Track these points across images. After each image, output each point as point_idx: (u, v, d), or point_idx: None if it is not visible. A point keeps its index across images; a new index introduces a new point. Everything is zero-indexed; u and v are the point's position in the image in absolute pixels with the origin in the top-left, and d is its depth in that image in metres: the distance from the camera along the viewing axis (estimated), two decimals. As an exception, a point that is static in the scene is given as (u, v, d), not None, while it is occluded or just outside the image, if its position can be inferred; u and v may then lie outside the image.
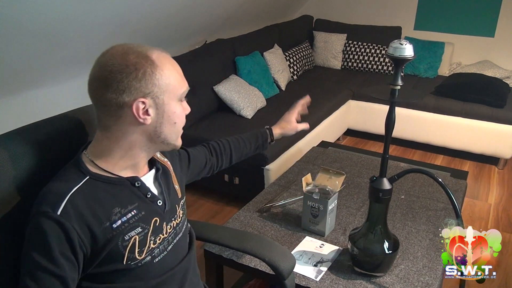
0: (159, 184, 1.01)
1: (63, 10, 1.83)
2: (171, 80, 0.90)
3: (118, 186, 0.92)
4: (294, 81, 3.84)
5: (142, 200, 0.95)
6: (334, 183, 1.57)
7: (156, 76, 0.88)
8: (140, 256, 0.92)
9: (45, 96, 2.29)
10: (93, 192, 0.88)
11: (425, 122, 3.45)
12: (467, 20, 3.90)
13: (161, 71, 0.89)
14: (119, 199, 0.91)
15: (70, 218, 0.83)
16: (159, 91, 0.89)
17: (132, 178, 0.94)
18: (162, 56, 0.90)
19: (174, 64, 0.93)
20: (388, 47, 1.18)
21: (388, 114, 1.26)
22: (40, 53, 2.00)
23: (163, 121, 0.92)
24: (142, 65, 0.87)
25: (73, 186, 0.87)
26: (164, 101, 0.90)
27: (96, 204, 0.87)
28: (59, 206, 0.83)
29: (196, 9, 2.77)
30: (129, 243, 0.90)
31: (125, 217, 0.90)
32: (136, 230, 0.92)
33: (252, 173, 2.59)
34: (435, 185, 1.93)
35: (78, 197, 0.86)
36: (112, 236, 0.88)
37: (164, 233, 0.99)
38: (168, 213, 1.01)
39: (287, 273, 1.17)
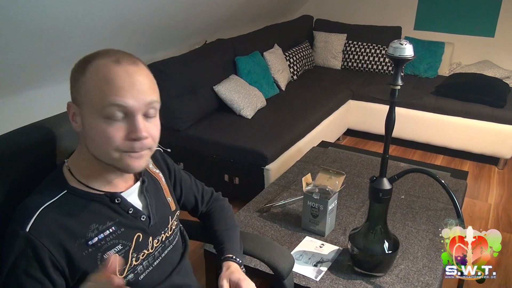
0: (145, 197, 0.97)
1: (63, 10, 1.83)
2: (92, 90, 0.81)
3: (97, 202, 0.88)
4: (294, 81, 3.84)
5: (122, 216, 0.91)
6: (334, 183, 1.57)
7: (79, 83, 0.83)
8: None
9: (45, 96, 2.28)
10: (69, 207, 0.84)
11: (425, 122, 3.45)
12: (467, 20, 3.90)
13: (85, 78, 0.82)
14: (97, 215, 0.87)
15: (40, 235, 0.79)
16: (81, 100, 0.83)
17: (112, 194, 0.90)
18: (102, 66, 0.81)
19: (109, 79, 0.80)
20: (388, 47, 1.18)
21: (388, 114, 1.26)
22: (40, 53, 2.00)
23: (87, 136, 0.84)
24: (76, 67, 0.85)
25: (47, 200, 0.83)
26: (85, 113, 0.83)
27: (70, 220, 0.83)
28: (28, 222, 0.80)
29: (196, 9, 2.76)
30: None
31: (102, 234, 0.87)
32: (116, 248, 0.88)
33: (252, 173, 2.59)
34: (435, 185, 1.93)
35: (50, 212, 0.82)
36: (88, 253, 0.84)
37: (150, 248, 0.95)
38: (154, 227, 0.96)
39: (286, 273, 1.17)
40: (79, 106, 0.84)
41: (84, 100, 0.82)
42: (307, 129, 2.97)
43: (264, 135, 2.68)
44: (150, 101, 0.83)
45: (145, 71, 0.86)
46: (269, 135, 2.70)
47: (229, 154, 2.62)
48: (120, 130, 0.81)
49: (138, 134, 0.81)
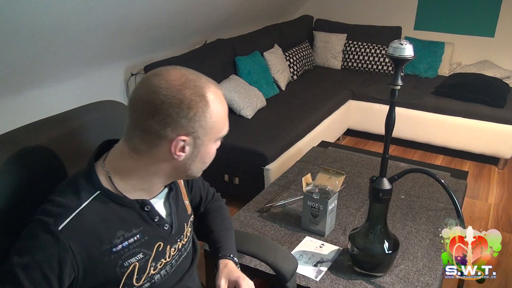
0: (170, 204, 0.96)
1: (63, 10, 1.83)
2: (218, 123, 0.86)
3: (127, 208, 0.87)
4: (294, 81, 3.84)
5: (148, 224, 0.90)
6: (334, 183, 1.57)
7: (205, 118, 0.83)
8: (137, 283, 0.89)
9: (45, 96, 2.29)
10: (100, 210, 0.84)
11: (425, 122, 3.45)
12: (467, 20, 3.90)
13: (211, 113, 0.84)
14: (125, 222, 0.87)
15: (70, 237, 0.79)
16: (203, 132, 0.85)
17: (142, 201, 0.90)
18: (217, 96, 0.85)
19: (224, 105, 0.88)
20: (388, 47, 1.18)
21: (388, 114, 1.26)
22: (40, 53, 2.00)
23: (195, 160, 0.88)
24: (196, 104, 0.81)
25: (83, 201, 0.82)
26: (204, 142, 0.86)
27: (100, 225, 0.83)
28: (63, 221, 0.79)
29: (196, 9, 2.77)
30: (128, 270, 0.86)
31: (126, 241, 0.86)
32: (137, 257, 0.88)
33: (252, 173, 2.59)
34: (435, 185, 1.93)
35: (85, 215, 0.81)
36: (109, 259, 0.84)
37: (167, 257, 0.95)
38: (173, 236, 0.96)
39: (290, 275, 1.17)
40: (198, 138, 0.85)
41: (209, 131, 0.86)
42: (307, 129, 2.97)
43: (264, 135, 2.68)
44: None
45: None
46: (269, 135, 2.70)
47: (229, 154, 2.62)
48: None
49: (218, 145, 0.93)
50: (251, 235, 1.32)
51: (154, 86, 0.81)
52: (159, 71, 0.83)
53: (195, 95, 0.81)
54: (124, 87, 2.79)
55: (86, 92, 2.50)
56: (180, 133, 0.82)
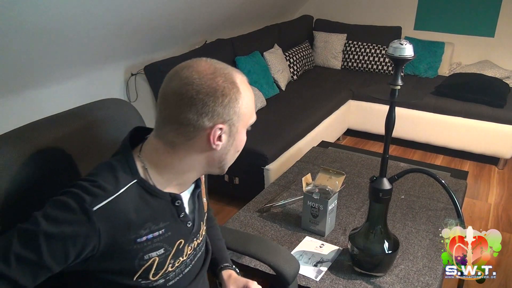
0: (194, 201, 0.97)
1: (64, 10, 1.83)
2: (249, 109, 0.88)
3: (159, 200, 0.87)
4: (294, 81, 3.84)
5: (174, 219, 0.90)
6: (334, 183, 1.57)
7: (238, 104, 0.85)
8: (153, 278, 0.88)
9: (45, 96, 2.29)
10: (134, 199, 0.83)
11: (425, 122, 3.45)
12: (467, 20, 3.90)
13: (242, 99, 0.86)
14: (155, 214, 0.86)
15: (102, 219, 0.78)
16: (237, 119, 0.86)
17: (175, 196, 0.90)
18: (244, 82, 0.87)
19: (251, 92, 0.90)
20: (388, 47, 1.18)
21: (388, 114, 1.26)
22: (40, 53, 2.00)
23: (231, 149, 0.89)
24: (229, 91, 0.83)
25: (120, 188, 0.82)
26: (238, 129, 0.88)
27: (133, 214, 0.83)
28: (99, 203, 0.78)
29: (196, 9, 2.77)
30: (147, 263, 0.86)
31: (151, 234, 0.86)
32: (158, 252, 0.87)
33: (252, 173, 2.59)
34: (435, 185, 1.93)
35: (120, 201, 0.81)
36: (131, 249, 0.83)
37: (184, 255, 0.94)
38: (193, 234, 0.96)
39: (292, 277, 1.17)
40: (233, 125, 0.87)
41: (242, 118, 0.87)
42: (307, 129, 2.97)
43: (264, 135, 2.68)
44: None
45: None
46: (269, 135, 2.70)
47: (229, 154, 2.62)
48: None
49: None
50: (253, 236, 1.32)
51: (186, 78, 0.82)
52: (187, 64, 0.86)
53: (226, 83, 0.83)
54: (124, 87, 2.79)
55: (86, 92, 2.50)
56: (217, 122, 0.83)
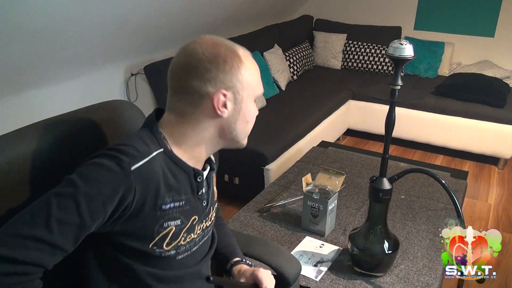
0: (208, 183, 1.00)
1: (63, 10, 1.83)
2: (253, 79, 0.92)
3: (183, 172, 0.91)
4: (294, 81, 3.84)
5: (193, 195, 0.94)
6: (334, 183, 1.57)
7: (241, 72, 0.89)
8: (166, 247, 0.91)
9: (45, 96, 2.29)
10: (162, 166, 0.87)
11: (425, 122, 3.45)
12: (467, 20, 3.90)
13: (245, 68, 0.90)
14: (178, 185, 0.90)
15: (138, 180, 0.81)
16: (241, 87, 0.89)
17: (198, 171, 0.94)
18: (247, 54, 0.92)
19: (256, 65, 0.94)
20: (388, 47, 1.18)
21: (388, 114, 1.26)
22: (40, 53, 2.00)
23: (238, 118, 0.92)
24: (230, 58, 0.88)
25: (152, 151, 0.85)
26: (243, 97, 0.91)
27: (162, 179, 0.86)
28: (138, 162, 0.82)
29: (196, 9, 2.77)
30: (164, 231, 0.89)
31: (173, 203, 0.89)
32: (176, 222, 0.90)
33: (252, 173, 2.59)
34: (435, 185, 1.93)
35: (153, 164, 0.84)
36: (155, 215, 0.86)
37: (194, 233, 0.97)
38: (205, 214, 0.99)
39: (293, 279, 1.17)
40: (237, 93, 0.90)
41: (246, 87, 0.91)
42: (307, 129, 2.97)
43: (264, 135, 2.68)
44: None
45: None
46: (269, 135, 2.70)
47: (229, 154, 2.62)
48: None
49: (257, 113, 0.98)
50: (254, 238, 1.32)
51: (190, 50, 0.88)
52: (192, 40, 0.91)
53: (228, 51, 0.88)
54: (124, 87, 2.78)
55: (86, 92, 2.50)
56: (220, 88, 0.87)
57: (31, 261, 0.74)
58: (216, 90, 0.87)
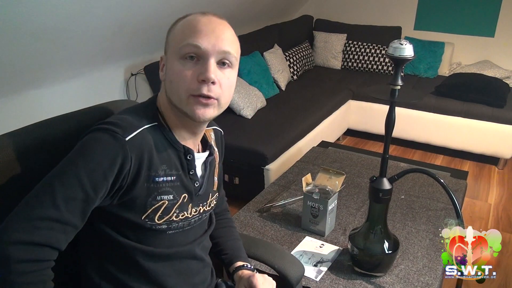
0: (205, 168, 1.00)
1: (63, 10, 1.83)
2: (176, 35, 0.88)
3: (174, 149, 0.92)
4: (294, 81, 3.84)
5: (184, 172, 0.94)
6: (334, 183, 1.57)
7: (171, 31, 0.90)
8: (158, 221, 0.91)
9: (45, 96, 2.29)
10: (157, 139, 0.88)
11: (425, 122, 3.45)
12: (467, 20, 3.90)
13: (174, 27, 0.90)
14: (170, 159, 0.91)
15: (133, 149, 0.83)
16: (168, 46, 0.90)
17: (188, 149, 0.94)
18: (193, 16, 0.89)
19: (196, 22, 0.87)
20: (388, 47, 1.18)
21: (388, 114, 1.26)
22: (40, 53, 2.00)
23: (166, 80, 0.90)
24: (173, 24, 0.91)
25: (144, 124, 0.87)
26: (168, 58, 0.90)
27: (154, 150, 0.87)
28: (130, 133, 0.83)
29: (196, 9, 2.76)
30: (156, 204, 0.89)
31: (165, 177, 0.89)
32: (168, 196, 0.91)
33: (252, 173, 2.59)
34: (435, 185, 1.93)
35: (145, 135, 0.86)
36: (148, 186, 0.87)
37: (188, 213, 0.96)
38: (198, 197, 0.99)
39: (296, 281, 1.16)
40: (166, 54, 0.91)
41: (170, 46, 0.89)
42: (307, 129, 2.97)
43: (264, 135, 2.68)
44: (225, 50, 0.87)
45: (229, 27, 0.91)
46: (269, 135, 2.70)
47: (229, 154, 2.61)
48: (193, 71, 0.86)
49: (207, 74, 0.84)
50: (258, 240, 1.31)
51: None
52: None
53: (179, 18, 0.91)
54: (124, 87, 2.79)
55: (86, 92, 2.50)
56: (164, 53, 0.92)
57: (46, 243, 0.76)
58: (163, 55, 0.92)
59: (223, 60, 0.88)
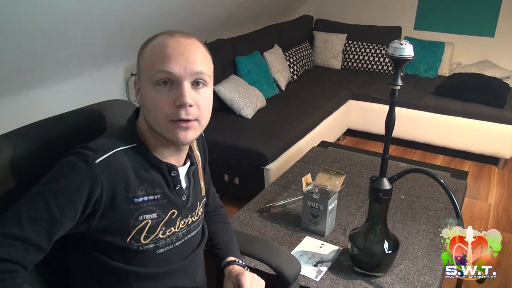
0: (189, 179, 1.00)
1: (64, 10, 1.83)
2: (147, 62, 0.88)
3: (156, 168, 0.91)
4: (294, 81, 3.84)
5: (170, 189, 0.94)
6: (334, 183, 1.57)
7: (140, 57, 0.90)
8: (144, 241, 0.90)
9: (45, 96, 2.29)
10: (133, 160, 0.88)
11: (425, 122, 3.45)
12: (467, 20, 3.90)
13: (143, 52, 0.89)
14: (151, 179, 0.90)
15: (104, 172, 0.82)
16: (140, 71, 0.90)
17: (172, 166, 0.93)
18: (161, 39, 0.87)
19: (164, 46, 0.86)
20: (388, 47, 1.18)
21: (388, 114, 1.26)
22: (40, 53, 2.00)
23: (143, 106, 0.90)
24: (142, 46, 0.90)
25: (119, 146, 0.87)
26: (142, 83, 0.89)
27: (131, 172, 0.87)
28: (101, 156, 0.83)
29: (196, 9, 2.76)
30: (140, 225, 0.89)
31: (147, 197, 0.89)
32: (152, 215, 0.90)
33: (252, 173, 2.59)
34: (435, 185, 1.93)
35: (119, 157, 0.86)
36: (128, 208, 0.87)
37: (176, 227, 0.96)
38: (187, 209, 0.98)
39: (293, 279, 1.16)
40: (139, 79, 0.90)
41: (142, 72, 0.89)
42: (307, 129, 2.97)
43: (264, 135, 2.68)
44: (198, 71, 0.86)
45: (197, 44, 0.89)
46: (269, 135, 2.70)
47: (229, 154, 2.62)
48: (168, 97, 0.85)
49: (183, 99, 0.84)
50: (254, 238, 1.32)
51: None
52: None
53: (148, 40, 0.91)
54: (124, 87, 2.78)
55: (86, 92, 2.50)
56: (137, 76, 0.92)
57: (6, 258, 0.76)
58: (136, 79, 0.92)
59: (197, 81, 0.88)
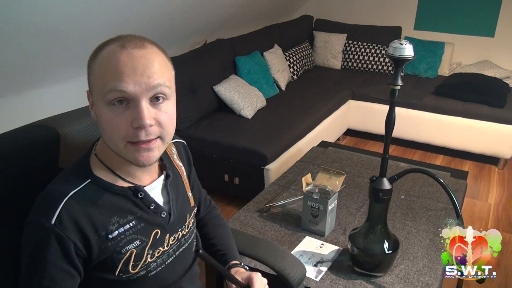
0: (168, 192, 0.93)
1: (64, 10, 1.83)
2: (97, 76, 0.78)
3: (120, 195, 0.85)
4: (294, 81, 3.84)
5: (144, 211, 0.88)
6: (334, 183, 1.57)
7: (90, 70, 0.81)
8: (133, 270, 0.86)
9: (45, 96, 2.28)
10: (92, 198, 0.82)
11: (425, 122, 3.45)
12: (467, 20, 3.90)
13: (94, 66, 0.79)
14: (119, 208, 0.84)
15: (65, 227, 0.77)
16: (91, 87, 0.82)
17: (135, 188, 0.87)
18: (111, 50, 0.78)
19: (115, 60, 0.76)
20: (388, 47, 1.18)
21: (388, 114, 1.26)
22: (40, 53, 2.00)
23: (98, 124, 0.82)
24: (92, 56, 0.81)
25: (72, 189, 0.80)
26: (95, 100, 0.81)
27: (93, 211, 0.81)
28: (54, 214, 0.77)
29: (196, 9, 2.76)
30: (125, 256, 0.85)
31: (122, 228, 0.84)
32: (134, 244, 0.86)
33: (252, 173, 2.59)
34: (435, 185, 1.93)
35: (75, 203, 0.79)
36: (106, 246, 0.82)
37: (165, 246, 0.92)
38: (173, 224, 0.93)
39: (297, 283, 1.15)
40: (92, 94, 0.82)
41: (94, 88, 0.80)
42: (307, 129, 2.97)
43: (264, 135, 2.68)
44: (155, 84, 0.77)
45: (152, 54, 0.80)
46: (269, 135, 2.70)
47: (229, 154, 2.62)
48: (124, 118, 0.77)
49: (141, 121, 0.76)
50: (260, 240, 1.30)
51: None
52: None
53: (97, 49, 0.81)
54: (124, 87, 2.78)
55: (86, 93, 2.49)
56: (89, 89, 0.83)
57: None
58: (87, 91, 0.84)
59: (156, 96, 0.79)
